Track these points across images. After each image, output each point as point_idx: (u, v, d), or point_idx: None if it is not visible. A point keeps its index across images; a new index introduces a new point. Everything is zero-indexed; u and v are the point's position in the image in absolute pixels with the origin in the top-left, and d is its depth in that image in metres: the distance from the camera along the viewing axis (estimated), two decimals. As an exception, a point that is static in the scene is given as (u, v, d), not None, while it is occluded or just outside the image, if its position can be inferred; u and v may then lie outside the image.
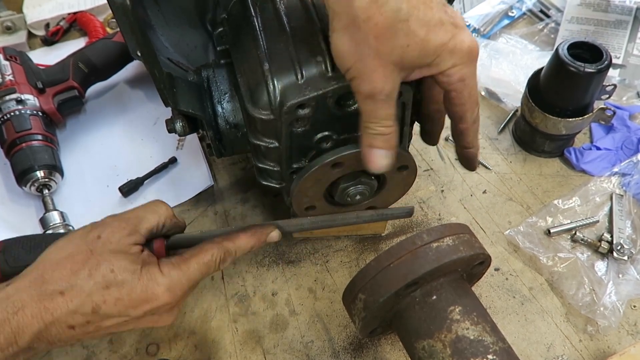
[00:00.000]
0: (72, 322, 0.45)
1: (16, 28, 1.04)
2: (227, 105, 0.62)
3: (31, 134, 0.78)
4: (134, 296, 0.46)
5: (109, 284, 0.45)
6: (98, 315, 0.45)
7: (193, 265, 0.49)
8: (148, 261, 0.48)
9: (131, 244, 0.48)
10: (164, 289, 0.47)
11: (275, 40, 0.54)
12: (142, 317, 0.47)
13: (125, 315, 0.46)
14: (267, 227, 0.54)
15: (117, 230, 0.48)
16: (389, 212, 0.64)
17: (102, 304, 0.45)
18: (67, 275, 0.45)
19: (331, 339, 0.68)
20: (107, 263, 0.46)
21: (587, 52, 0.73)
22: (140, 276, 0.46)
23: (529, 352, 0.66)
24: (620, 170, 0.80)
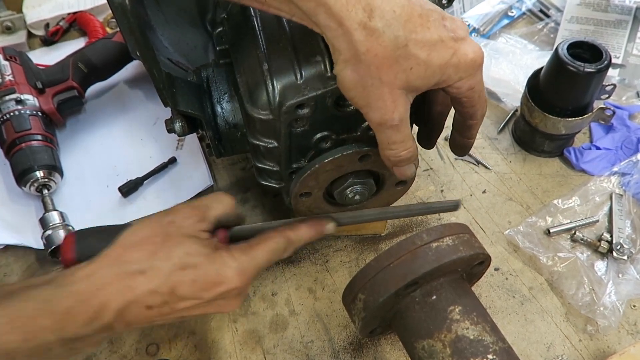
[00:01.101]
0: (150, 302, 0.45)
1: (16, 28, 1.04)
2: (226, 105, 0.62)
3: (31, 134, 0.78)
4: (207, 278, 0.47)
5: (185, 265, 0.46)
6: (174, 296, 0.46)
7: (260, 252, 0.50)
8: (219, 246, 0.49)
9: (201, 230, 0.49)
10: (235, 273, 0.47)
11: (275, 40, 0.54)
12: (212, 300, 0.48)
13: (199, 297, 0.47)
14: (325, 219, 0.55)
15: (188, 216, 0.49)
16: (437, 205, 0.63)
17: (179, 284, 0.46)
18: (147, 255, 0.46)
19: (331, 338, 0.68)
20: (182, 246, 0.47)
21: (587, 51, 0.73)
22: (214, 259, 0.47)
23: (529, 351, 0.66)
24: (620, 169, 0.80)
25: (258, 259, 0.50)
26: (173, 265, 0.46)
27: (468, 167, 0.84)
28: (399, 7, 0.43)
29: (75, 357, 0.47)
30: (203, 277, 0.47)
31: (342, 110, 0.54)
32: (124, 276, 0.45)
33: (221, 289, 0.47)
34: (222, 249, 0.49)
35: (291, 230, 0.53)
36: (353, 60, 0.44)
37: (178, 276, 0.46)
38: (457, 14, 1.05)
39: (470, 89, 0.48)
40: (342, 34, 0.43)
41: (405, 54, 0.43)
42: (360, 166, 0.59)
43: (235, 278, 0.47)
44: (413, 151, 0.50)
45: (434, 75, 0.45)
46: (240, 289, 0.49)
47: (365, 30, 0.42)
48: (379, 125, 0.48)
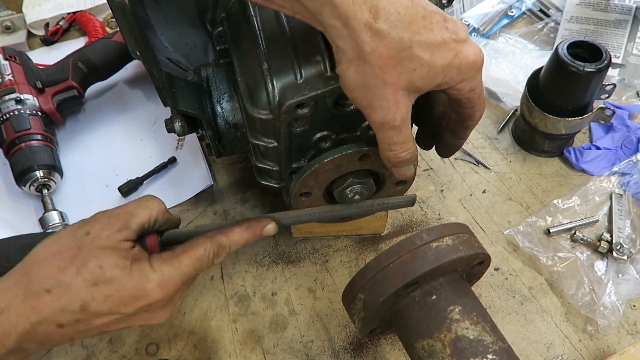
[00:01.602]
0: (60, 321, 0.44)
1: (16, 28, 1.04)
2: (226, 105, 0.62)
3: (30, 134, 0.78)
4: (124, 293, 0.45)
5: (97, 280, 0.44)
6: (87, 313, 0.44)
7: (185, 261, 0.48)
8: (139, 257, 0.47)
9: (121, 240, 0.47)
10: (155, 285, 0.46)
11: (275, 40, 0.54)
12: (134, 314, 0.46)
13: (117, 312, 0.45)
14: (263, 220, 0.53)
15: (106, 226, 0.47)
16: (389, 202, 0.62)
17: (91, 301, 0.44)
18: (54, 272, 0.44)
19: (331, 338, 0.68)
20: (95, 259, 0.45)
21: (587, 51, 0.73)
22: (131, 272, 0.45)
23: (529, 351, 0.66)
24: (619, 169, 0.80)
25: (182, 269, 0.48)
26: (83, 281, 0.44)
27: (468, 167, 0.84)
28: (403, 9, 0.43)
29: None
30: (118, 291, 0.45)
31: (342, 110, 0.54)
32: (29, 296, 0.43)
33: (141, 303, 0.46)
34: (143, 259, 0.47)
35: (223, 235, 0.51)
36: (357, 61, 0.44)
37: (89, 292, 0.44)
38: (457, 14, 1.05)
39: (471, 91, 0.48)
40: (348, 34, 0.43)
41: (409, 55, 0.44)
42: (360, 166, 0.59)
43: (156, 290, 0.46)
44: (413, 152, 0.50)
45: (436, 77, 0.45)
46: (163, 301, 0.47)
47: (371, 31, 0.43)
48: (380, 126, 0.48)
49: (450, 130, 0.57)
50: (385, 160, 0.51)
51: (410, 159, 0.51)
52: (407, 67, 0.44)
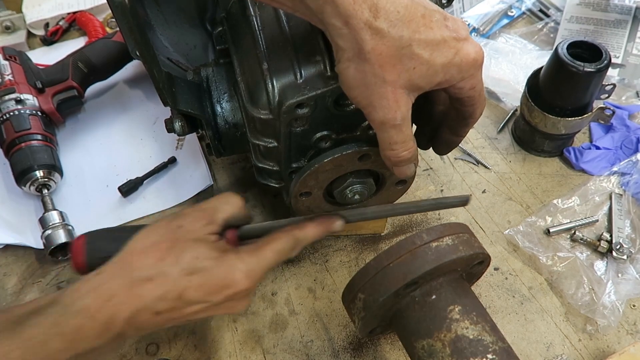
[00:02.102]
0: (159, 308, 0.46)
1: (15, 28, 1.04)
2: (226, 105, 0.62)
3: (30, 134, 0.78)
4: (215, 282, 0.47)
5: (193, 270, 0.46)
6: (182, 301, 0.46)
7: (267, 253, 0.50)
8: (226, 249, 0.49)
9: (209, 233, 0.49)
10: (243, 275, 0.48)
11: (275, 40, 0.54)
12: (221, 302, 0.48)
13: (207, 301, 0.47)
14: (333, 217, 0.54)
15: (196, 220, 0.50)
16: (446, 201, 0.59)
17: (187, 290, 0.46)
18: (154, 262, 0.46)
19: (331, 338, 0.68)
20: (190, 250, 0.47)
21: (587, 51, 0.73)
22: (221, 263, 0.47)
23: (529, 351, 0.66)
24: (619, 169, 0.80)
25: (266, 260, 0.50)
26: (181, 271, 0.46)
27: (468, 167, 0.84)
28: (402, 8, 0.43)
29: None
30: (211, 280, 0.47)
31: (341, 110, 0.54)
32: (132, 284, 0.45)
33: (229, 292, 0.47)
34: (230, 251, 0.49)
35: (298, 229, 0.52)
36: (357, 59, 0.44)
37: (186, 281, 0.46)
38: (457, 14, 1.05)
39: (471, 89, 0.48)
40: (348, 32, 0.43)
41: (409, 54, 0.44)
42: (360, 166, 0.59)
43: (243, 280, 0.48)
44: (413, 151, 0.51)
45: (436, 75, 0.45)
46: (248, 291, 0.49)
47: (371, 30, 0.43)
48: (381, 125, 0.48)
49: (450, 127, 0.57)
50: (385, 159, 0.52)
51: (411, 157, 0.51)
52: (407, 66, 0.44)
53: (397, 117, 0.47)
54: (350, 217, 0.55)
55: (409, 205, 0.59)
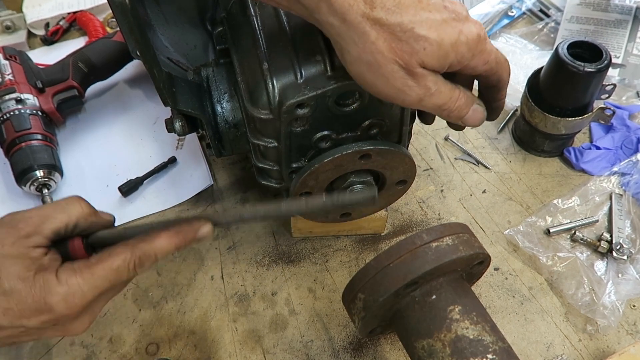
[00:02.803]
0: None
1: (16, 27, 1.04)
2: (226, 105, 0.62)
3: (31, 134, 0.78)
4: (24, 306, 0.42)
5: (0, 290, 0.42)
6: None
7: (98, 272, 0.44)
8: (46, 266, 0.44)
9: (30, 247, 0.43)
10: (59, 299, 0.43)
11: (275, 40, 0.54)
12: (41, 327, 0.43)
13: (19, 326, 0.43)
14: (195, 223, 0.47)
15: (13, 231, 0.44)
16: (345, 198, 0.52)
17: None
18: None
19: (331, 338, 0.68)
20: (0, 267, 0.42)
21: (587, 51, 0.73)
22: (33, 284, 0.42)
23: (529, 351, 0.66)
24: (619, 169, 0.80)
25: (95, 280, 0.44)
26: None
27: (468, 167, 0.84)
28: None
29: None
30: (19, 305, 0.42)
31: (342, 110, 0.54)
32: None
33: (45, 317, 0.43)
34: (49, 269, 0.44)
35: (146, 243, 0.46)
36: (364, 55, 0.44)
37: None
38: (457, 14, 1.05)
39: (485, 64, 0.47)
40: (347, 29, 0.43)
41: (414, 36, 0.43)
42: (361, 165, 0.59)
43: (60, 304, 0.43)
44: (464, 96, 0.49)
45: (447, 55, 0.45)
46: (72, 316, 0.44)
47: (370, 21, 0.43)
48: (419, 103, 0.47)
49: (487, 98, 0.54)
50: (453, 122, 0.50)
51: (467, 102, 0.49)
52: (416, 47, 0.44)
53: (430, 87, 0.46)
54: (222, 219, 0.48)
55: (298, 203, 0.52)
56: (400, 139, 0.60)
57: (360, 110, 0.55)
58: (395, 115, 0.57)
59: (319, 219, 0.67)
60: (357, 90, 0.53)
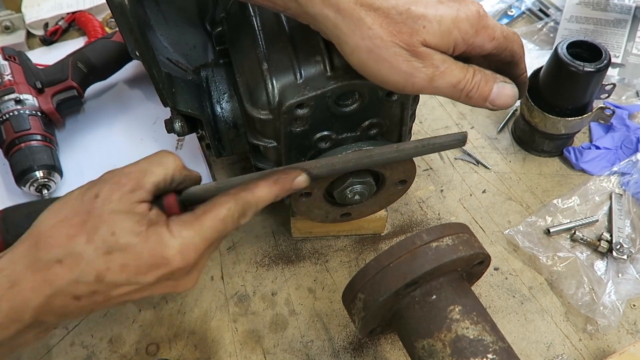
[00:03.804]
0: (76, 293, 0.40)
1: (15, 28, 1.04)
2: (226, 105, 0.62)
3: (30, 134, 0.78)
4: (141, 261, 0.41)
5: (110, 249, 0.40)
6: (104, 284, 0.40)
7: (207, 222, 0.43)
8: (155, 221, 0.42)
9: (135, 202, 0.42)
10: (175, 251, 0.41)
11: (274, 40, 0.54)
12: (156, 283, 0.42)
13: (135, 282, 0.41)
14: (292, 172, 0.46)
15: (116, 187, 0.43)
16: (437, 142, 0.51)
17: (106, 271, 0.40)
18: (64, 241, 0.40)
19: (331, 338, 0.68)
20: (107, 225, 0.40)
21: (587, 51, 0.73)
22: (147, 238, 0.41)
23: (529, 351, 0.66)
24: (619, 169, 0.80)
25: (205, 232, 0.43)
26: (96, 250, 0.40)
27: (468, 167, 0.84)
28: None
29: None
30: (135, 260, 0.41)
31: (342, 110, 0.54)
32: (40, 268, 0.40)
33: (161, 272, 0.41)
34: (161, 223, 0.42)
35: (248, 192, 0.45)
36: (363, 42, 0.44)
37: (104, 262, 0.40)
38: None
39: (492, 39, 0.46)
40: (342, 19, 0.43)
41: (412, 16, 0.43)
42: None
43: (177, 257, 0.41)
44: (480, 74, 0.47)
45: (450, 31, 0.44)
46: (186, 268, 0.43)
47: (364, 7, 0.43)
48: (431, 84, 0.45)
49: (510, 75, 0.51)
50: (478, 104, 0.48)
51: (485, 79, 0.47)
52: (415, 27, 0.43)
53: (439, 66, 0.44)
54: (315, 170, 0.47)
55: (388, 149, 0.51)
56: (400, 138, 0.60)
57: (360, 110, 0.55)
58: (395, 115, 0.57)
59: (319, 219, 0.67)
60: (357, 90, 0.53)
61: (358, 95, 0.53)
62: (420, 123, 0.89)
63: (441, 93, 0.47)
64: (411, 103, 0.57)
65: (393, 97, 0.54)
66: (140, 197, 0.43)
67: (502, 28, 0.47)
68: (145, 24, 0.65)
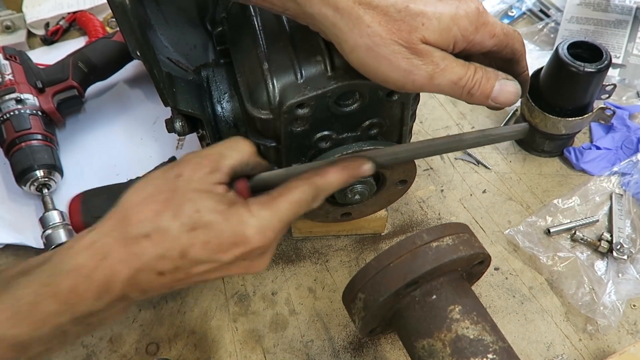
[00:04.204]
0: (161, 268, 0.41)
1: (16, 27, 1.04)
2: (226, 105, 0.62)
3: (31, 134, 0.78)
4: (223, 239, 0.41)
5: (195, 225, 0.41)
6: (187, 260, 0.41)
7: (283, 204, 0.44)
8: (235, 201, 0.43)
9: (214, 183, 0.43)
10: (255, 231, 0.42)
11: (275, 40, 0.54)
12: (233, 262, 0.43)
13: (215, 260, 0.42)
14: (359, 160, 0.47)
15: (198, 167, 0.44)
16: (497, 132, 0.51)
17: (190, 247, 0.41)
18: (151, 216, 0.41)
19: (331, 338, 0.68)
20: (191, 202, 0.41)
21: (587, 51, 0.73)
22: (229, 217, 0.42)
23: (529, 351, 0.66)
24: (619, 169, 0.80)
25: (281, 213, 0.44)
26: (181, 226, 0.41)
27: (468, 167, 0.84)
28: None
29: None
30: (217, 237, 0.41)
31: (342, 110, 0.54)
32: (128, 242, 0.41)
33: (240, 250, 0.42)
34: (240, 203, 0.43)
35: (319, 176, 0.46)
36: (361, 41, 0.44)
37: (188, 238, 0.41)
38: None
39: (493, 36, 0.46)
40: (341, 17, 0.43)
41: (410, 14, 0.43)
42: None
43: (256, 237, 0.42)
44: (482, 71, 0.46)
45: (449, 29, 0.44)
46: (263, 248, 0.43)
47: (362, 5, 0.43)
48: (431, 82, 0.45)
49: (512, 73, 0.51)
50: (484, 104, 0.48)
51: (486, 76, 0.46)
52: (414, 24, 0.43)
53: (439, 63, 0.44)
54: (380, 159, 0.48)
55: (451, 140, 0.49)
56: (400, 138, 0.60)
57: (361, 110, 0.55)
58: (395, 115, 0.57)
59: (319, 218, 0.67)
60: (357, 90, 0.53)
61: (358, 95, 0.54)
62: (421, 123, 0.89)
63: (442, 91, 0.46)
64: (411, 103, 0.57)
65: (393, 97, 0.54)
66: (218, 179, 0.44)
67: (503, 25, 0.47)
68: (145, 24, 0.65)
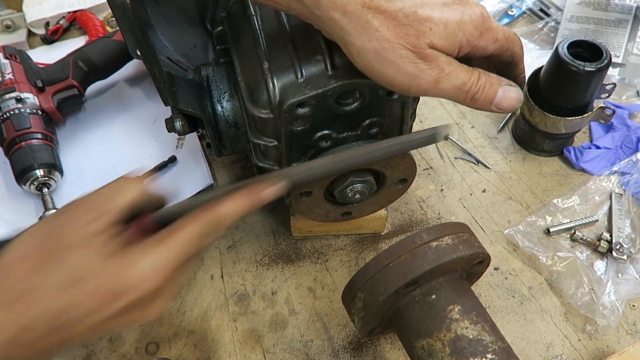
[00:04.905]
0: (40, 329, 0.39)
1: (16, 27, 1.04)
2: (226, 104, 0.62)
3: (31, 133, 0.78)
4: (103, 291, 0.40)
5: (72, 281, 0.40)
6: (72, 317, 0.40)
7: (173, 244, 0.42)
8: (118, 248, 0.42)
9: (96, 232, 0.42)
10: (140, 277, 0.41)
11: (275, 39, 0.54)
12: (121, 313, 0.41)
13: (98, 315, 0.40)
14: (262, 183, 0.45)
15: (80, 216, 0.43)
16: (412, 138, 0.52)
17: (72, 304, 0.39)
18: (23, 278, 0.40)
19: (331, 338, 0.68)
20: (70, 256, 0.40)
21: (587, 51, 0.73)
22: (107, 268, 0.40)
23: (528, 351, 0.66)
24: (619, 169, 0.80)
25: (172, 253, 0.42)
26: (56, 284, 0.39)
27: (468, 166, 0.84)
28: None
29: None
30: (95, 292, 0.40)
31: (342, 109, 0.54)
32: (2, 305, 0.39)
33: (125, 300, 0.40)
34: (127, 249, 0.42)
35: (210, 211, 0.45)
36: (369, 44, 0.44)
37: (65, 296, 0.39)
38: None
39: (495, 42, 0.47)
40: (349, 21, 0.43)
41: (418, 19, 0.43)
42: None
43: (139, 285, 0.41)
44: (485, 77, 0.47)
45: (455, 34, 0.44)
46: (154, 293, 0.41)
47: (371, 10, 0.43)
48: (436, 86, 0.46)
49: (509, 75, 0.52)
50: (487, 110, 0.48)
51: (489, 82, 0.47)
52: (422, 29, 0.44)
53: (444, 68, 0.45)
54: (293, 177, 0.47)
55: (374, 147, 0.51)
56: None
57: (361, 109, 0.55)
58: (395, 114, 0.57)
59: (319, 218, 0.67)
60: (357, 89, 0.53)
61: (359, 94, 0.54)
62: (421, 122, 0.89)
63: (446, 95, 0.47)
64: (412, 102, 0.57)
65: (394, 96, 0.54)
66: (103, 225, 0.42)
67: (504, 29, 0.48)
68: (145, 24, 0.65)
